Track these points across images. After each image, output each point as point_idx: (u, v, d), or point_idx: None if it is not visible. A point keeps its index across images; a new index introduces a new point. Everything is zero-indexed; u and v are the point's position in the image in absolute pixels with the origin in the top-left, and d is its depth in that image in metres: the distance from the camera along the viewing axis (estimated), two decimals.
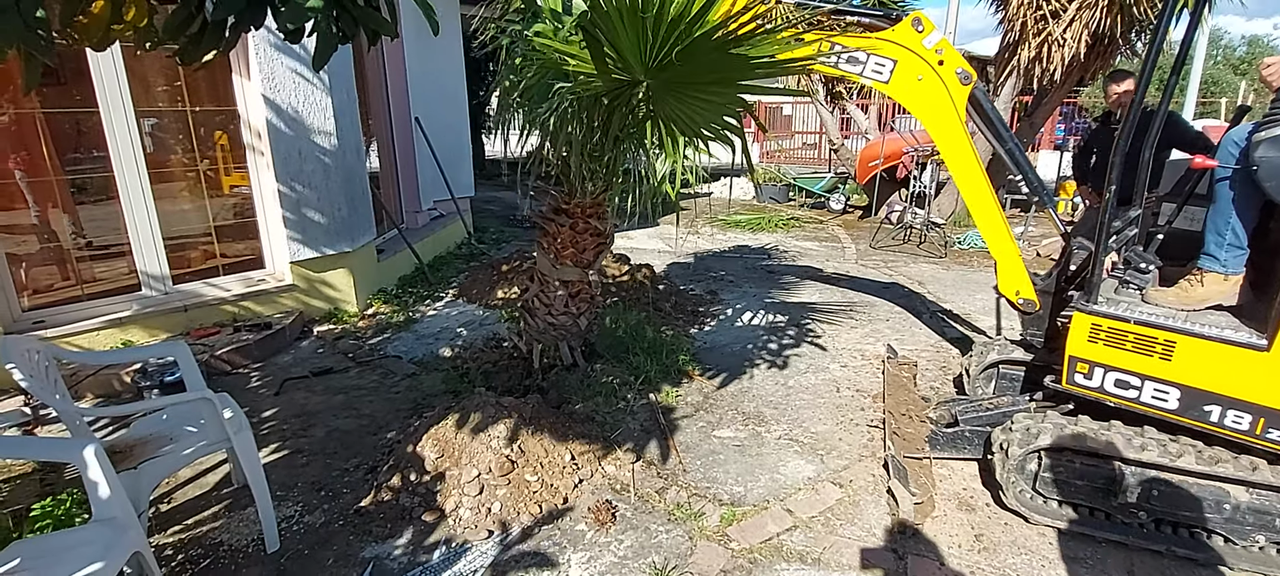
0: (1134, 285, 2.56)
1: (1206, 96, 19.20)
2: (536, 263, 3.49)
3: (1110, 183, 2.44)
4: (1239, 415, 2.21)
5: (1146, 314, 2.37)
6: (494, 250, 7.45)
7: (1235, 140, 2.26)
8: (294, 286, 4.77)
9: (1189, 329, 2.27)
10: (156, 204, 4.15)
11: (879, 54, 3.22)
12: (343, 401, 3.65)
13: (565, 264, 3.37)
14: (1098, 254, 2.43)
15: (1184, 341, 2.27)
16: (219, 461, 2.95)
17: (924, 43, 3.14)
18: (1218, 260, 2.36)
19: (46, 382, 2.25)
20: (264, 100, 4.34)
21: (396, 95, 6.71)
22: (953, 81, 3.12)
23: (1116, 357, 2.43)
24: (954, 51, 3.16)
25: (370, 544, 2.46)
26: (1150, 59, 2.49)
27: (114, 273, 4.28)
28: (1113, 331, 2.41)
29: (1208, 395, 2.26)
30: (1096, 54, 7.10)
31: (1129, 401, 2.44)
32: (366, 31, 1.71)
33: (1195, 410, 2.30)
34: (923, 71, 3.16)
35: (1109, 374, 2.46)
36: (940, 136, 3.23)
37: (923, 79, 3.16)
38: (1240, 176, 2.24)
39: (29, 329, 3.73)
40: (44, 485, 2.74)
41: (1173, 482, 2.39)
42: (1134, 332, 2.36)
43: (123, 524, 1.88)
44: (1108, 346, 2.43)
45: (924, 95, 3.19)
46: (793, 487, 2.87)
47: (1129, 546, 2.47)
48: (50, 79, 4.00)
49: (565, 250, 3.36)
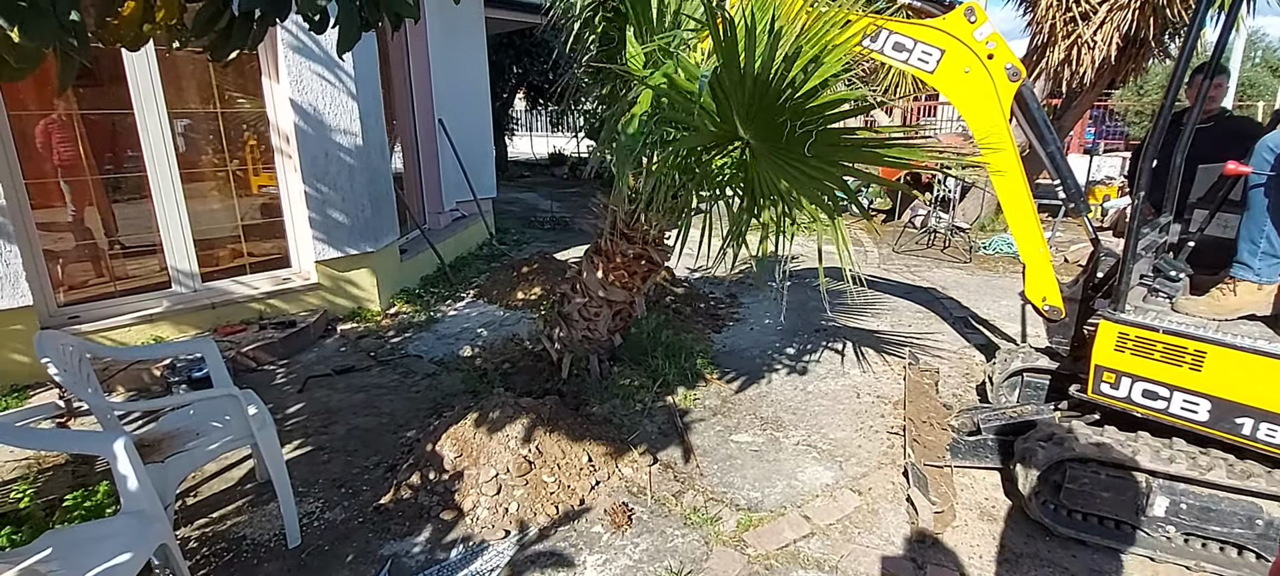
0: (1163, 293, 2.49)
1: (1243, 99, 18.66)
2: (583, 276, 3.47)
3: (1140, 188, 2.39)
4: (1273, 429, 2.14)
5: (1176, 323, 2.31)
6: (515, 251, 7.50)
7: (1271, 146, 2.20)
8: (319, 285, 4.85)
9: (1220, 339, 2.20)
10: (187, 203, 4.26)
11: (927, 42, 3.07)
12: (364, 399, 3.71)
13: (615, 285, 3.38)
14: (1126, 261, 2.37)
15: (1215, 351, 2.21)
16: (243, 457, 3.01)
17: (975, 34, 3.01)
18: (1252, 269, 2.29)
19: (80, 377, 2.32)
20: (291, 102, 4.42)
21: (420, 96, 6.80)
22: (1001, 77, 2.99)
23: (1145, 367, 2.37)
24: (1005, 46, 3.03)
25: (389, 541, 2.49)
26: (1182, 61, 2.42)
27: (145, 270, 4.40)
28: (1140, 340, 2.35)
29: (1240, 408, 2.20)
30: (1128, 56, 6.94)
31: (1157, 412, 2.38)
32: (389, 15, 1.74)
33: (1226, 422, 2.24)
34: (971, 64, 3.02)
35: (1136, 384, 2.40)
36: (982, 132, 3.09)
37: (970, 72, 3.02)
38: (1275, 183, 2.17)
39: (64, 324, 3.85)
40: (76, 476, 2.82)
41: (1202, 497, 2.32)
42: (1163, 342, 2.30)
43: (150, 516, 1.93)
44: (1135, 355, 2.37)
45: (970, 88, 3.05)
46: (810, 494, 2.84)
47: (1156, 560, 2.40)
48: (87, 80, 4.12)
49: (617, 272, 3.36)
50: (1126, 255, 2.38)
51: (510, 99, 16.03)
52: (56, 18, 1.35)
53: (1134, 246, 2.38)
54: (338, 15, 1.61)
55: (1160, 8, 6.35)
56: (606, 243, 3.37)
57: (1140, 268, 2.54)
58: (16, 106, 3.69)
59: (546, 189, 13.15)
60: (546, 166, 16.66)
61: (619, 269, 3.36)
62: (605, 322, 3.50)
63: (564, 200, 11.67)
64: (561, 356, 3.66)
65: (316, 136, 4.58)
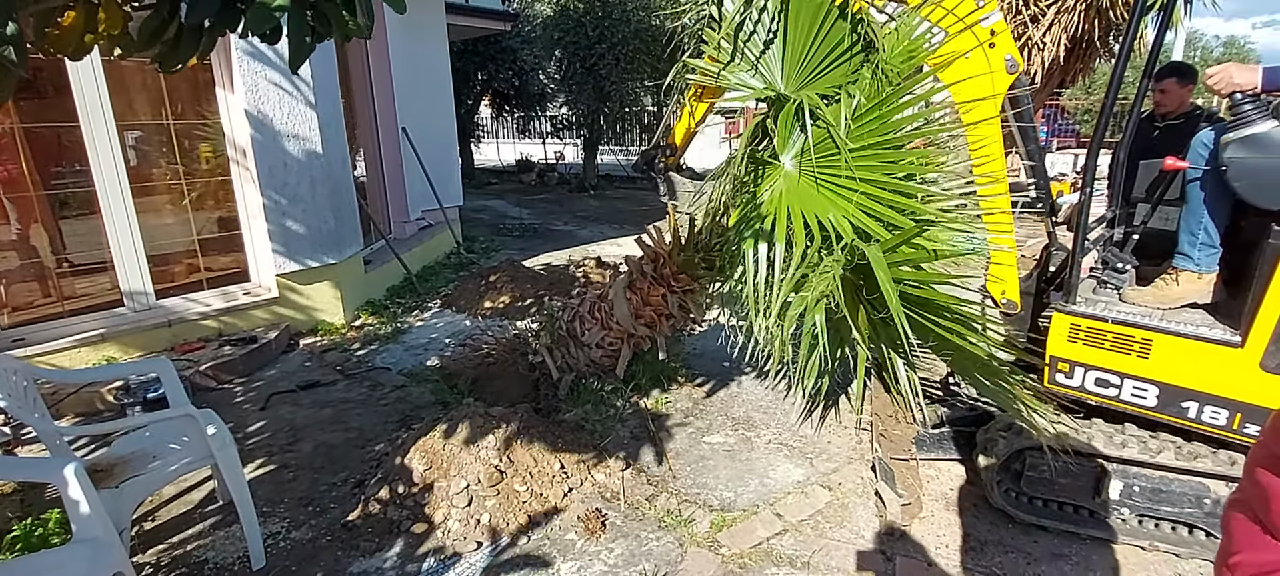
0: (1111, 285, 2.59)
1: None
2: (614, 310, 3.43)
3: (1088, 182, 2.48)
4: (1216, 410, 2.24)
5: (1124, 313, 2.40)
6: (483, 259, 7.43)
7: (1204, 142, 2.30)
8: (280, 299, 4.74)
9: (1165, 327, 2.30)
10: (139, 218, 4.12)
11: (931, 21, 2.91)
12: (330, 414, 3.63)
13: (643, 323, 3.38)
14: (1075, 254, 2.45)
15: (1161, 339, 2.31)
16: (204, 478, 2.92)
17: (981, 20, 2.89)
18: (1192, 259, 2.40)
19: (25, 402, 2.23)
20: (247, 112, 4.31)
21: (383, 104, 6.70)
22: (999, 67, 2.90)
23: (1096, 356, 2.45)
24: (1008, 35, 2.93)
25: (358, 558, 2.44)
26: (1120, 61, 2.53)
27: (96, 288, 4.23)
28: (1092, 331, 2.44)
29: (1185, 392, 2.29)
30: (1075, 57, 7.22)
31: (1109, 399, 2.47)
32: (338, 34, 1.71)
33: (1173, 407, 2.33)
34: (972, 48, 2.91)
35: (1089, 373, 2.49)
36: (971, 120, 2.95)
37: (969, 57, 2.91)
38: (1211, 177, 2.28)
39: (8, 347, 3.68)
40: (25, 505, 2.70)
41: (1153, 479, 2.42)
42: (1112, 331, 2.39)
43: (104, 543, 1.86)
44: (1087, 345, 2.46)
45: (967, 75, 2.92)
46: (782, 492, 2.88)
47: (1112, 542, 2.49)
48: (29, 92, 3.96)
49: (647, 309, 3.36)
50: (1076, 249, 2.47)
51: (475, 105, 15.89)
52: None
53: (1083, 240, 2.47)
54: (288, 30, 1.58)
55: (1104, 10, 6.63)
56: (644, 282, 3.35)
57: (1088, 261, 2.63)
58: None
59: (514, 196, 13.06)
60: (514, 173, 16.54)
61: (649, 305, 3.36)
62: (625, 357, 3.50)
63: (532, 207, 11.60)
64: (562, 376, 3.62)
65: (274, 146, 4.48)
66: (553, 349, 3.65)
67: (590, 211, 11.24)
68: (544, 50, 13.51)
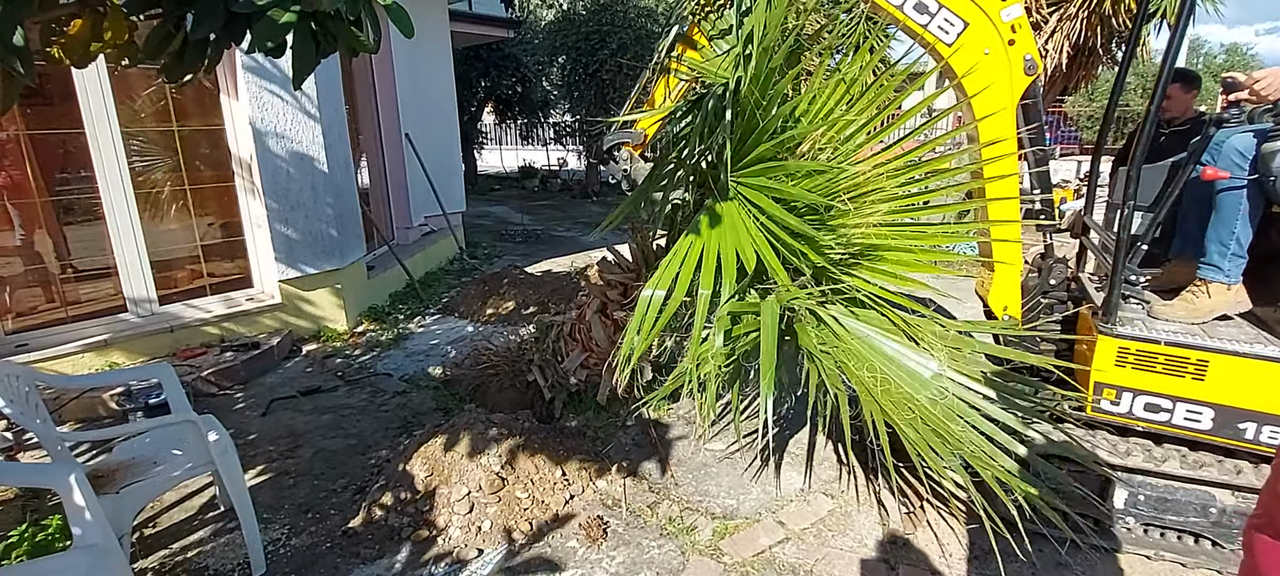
0: (1134, 300, 2.54)
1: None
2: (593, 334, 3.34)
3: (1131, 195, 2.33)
4: (1275, 430, 2.17)
5: (1177, 334, 2.31)
6: (486, 265, 7.43)
7: (1239, 149, 2.25)
8: (282, 305, 4.74)
9: (1223, 347, 2.21)
10: (143, 224, 4.13)
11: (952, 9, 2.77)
12: (331, 421, 3.62)
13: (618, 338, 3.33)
14: (1116, 273, 2.33)
15: (1218, 360, 2.22)
16: (205, 484, 2.92)
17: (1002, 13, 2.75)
18: (1222, 270, 2.34)
19: (27, 407, 2.23)
20: (251, 120, 4.33)
21: (386, 111, 6.72)
22: (1017, 66, 2.74)
23: (1146, 381, 2.34)
24: (1028, 34, 2.76)
25: (358, 565, 2.43)
26: (1123, 69, 2.52)
27: (99, 294, 4.24)
28: (1142, 354, 2.32)
29: (1243, 413, 2.21)
30: (1078, 64, 7.23)
31: (1159, 425, 2.37)
32: (343, 48, 1.71)
33: (1229, 428, 2.25)
34: (993, 44, 2.72)
35: (1138, 398, 2.37)
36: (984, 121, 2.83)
37: (990, 54, 2.74)
38: (1251, 187, 2.23)
39: (11, 353, 3.69)
40: (26, 511, 2.70)
41: (1160, 488, 2.40)
42: (1165, 354, 2.29)
43: (104, 549, 1.85)
44: (1136, 369, 2.34)
45: (985, 71, 2.77)
46: (784, 499, 2.86)
47: (1115, 552, 2.47)
48: (35, 99, 3.98)
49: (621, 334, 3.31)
50: (1117, 267, 2.32)
51: (479, 112, 15.93)
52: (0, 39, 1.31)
53: (1124, 258, 2.33)
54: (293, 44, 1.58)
55: (1106, 17, 6.63)
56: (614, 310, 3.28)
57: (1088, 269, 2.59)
58: None
59: (517, 202, 13.08)
60: (517, 179, 16.58)
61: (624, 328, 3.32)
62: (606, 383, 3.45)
63: (535, 213, 11.62)
64: (554, 397, 3.60)
65: (278, 153, 4.49)
66: (544, 368, 3.62)
67: (593, 217, 11.25)
68: (547, 56, 13.56)
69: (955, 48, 2.70)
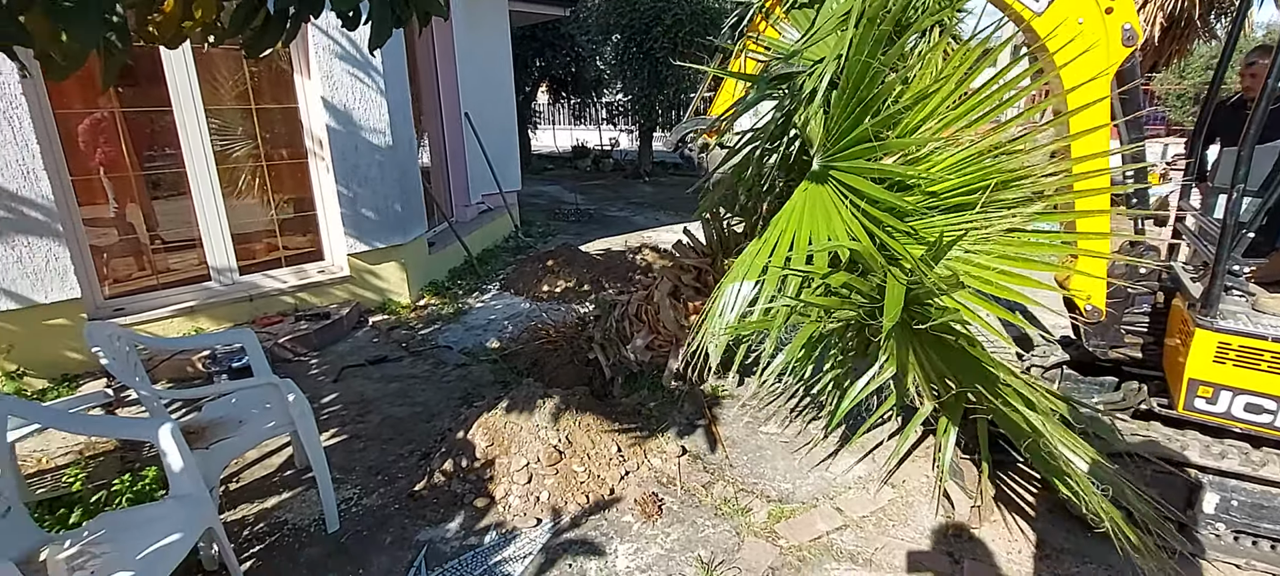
0: (1237, 291, 2.35)
1: None
2: (661, 316, 3.36)
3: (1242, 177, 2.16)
4: None
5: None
6: (540, 243, 7.54)
7: None
8: (351, 277, 4.94)
9: None
10: (224, 198, 4.36)
11: None
12: (397, 389, 3.77)
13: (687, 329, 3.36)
14: (1219, 263, 2.16)
15: None
16: (282, 444, 3.08)
17: None
18: None
19: (127, 366, 2.40)
20: (323, 99, 4.50)
21: (447, 91, 6.85)
22: (1115, 37, 2.48)
23: (1248, 379, 2.18)
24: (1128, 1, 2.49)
25: (424, 527, 2.53)
26: (1230, 42, 2.31)
27: (185, 264, 4.52)
28: (1245, 350, 2.16)
29: None
30: (1172, 38, 6.72)
31: (1261, 427, 2.21)
32: (419, 13, 1.75)
33: None
34: (1088, 13, 2.46)
35: (1238, 397, 2.21)
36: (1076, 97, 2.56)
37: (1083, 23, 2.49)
38: None
39: (110, 316, 3.98)
40: (124, 462, 2.92)
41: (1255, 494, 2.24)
42: (1273, 351, 2.12)
43: (197, 499, 1.99)
44: (1238, 366, 2.18)
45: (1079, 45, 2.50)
46: (843, 486, 2.82)
47: (1201, 558, 2.33)
48: (128, 79, 4.23)
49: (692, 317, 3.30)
50: (1221, 255, 2.15)
51: (533, 92, 16.09)
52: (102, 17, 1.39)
53: (1229, 247, 2.16)
54: (370, 12, 1.63)
55: None
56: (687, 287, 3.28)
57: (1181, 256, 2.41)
58: (62, 105, 3.80)
59: (570, 182, 13.18)
60: (570, 159, 16.70)
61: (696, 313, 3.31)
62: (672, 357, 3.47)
63: (588, 193, 11.69)
64: (614, 375, 3.63)
65: (347, 132, 4.65)
66: (605, 346, 3.66)
67: (645, 198, 11.24)
68: (601, 35, 13.51)
69: (1046, 16, 2.48)
